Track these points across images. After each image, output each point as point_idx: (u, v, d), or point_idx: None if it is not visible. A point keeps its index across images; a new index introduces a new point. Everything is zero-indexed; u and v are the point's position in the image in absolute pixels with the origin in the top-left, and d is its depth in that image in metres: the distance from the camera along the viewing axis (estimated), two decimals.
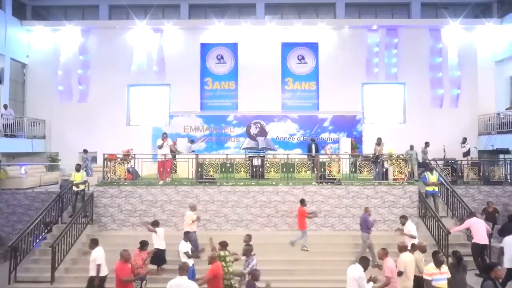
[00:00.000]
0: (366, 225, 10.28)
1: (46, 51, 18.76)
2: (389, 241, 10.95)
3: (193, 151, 15.81)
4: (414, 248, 8.17)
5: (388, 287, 7.16)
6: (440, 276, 6.87)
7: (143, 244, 8.92)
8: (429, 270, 6.95)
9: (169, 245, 10.14)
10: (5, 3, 17.32)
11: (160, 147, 13.15)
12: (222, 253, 8.24)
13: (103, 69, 18.47)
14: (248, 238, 9.00)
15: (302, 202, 11.25)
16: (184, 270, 6.53)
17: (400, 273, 7.40)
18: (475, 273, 9.50)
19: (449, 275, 6.94)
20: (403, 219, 9.92)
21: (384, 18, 19.18)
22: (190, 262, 8.81)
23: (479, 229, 9.70)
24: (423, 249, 8.13)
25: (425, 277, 6.99)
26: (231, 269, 8.21)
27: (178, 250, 9.00)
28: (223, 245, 8.42)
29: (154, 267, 9.80)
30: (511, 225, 10.37)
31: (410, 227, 9.70)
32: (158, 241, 9.88)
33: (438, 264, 6.94)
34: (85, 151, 15.50)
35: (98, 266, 8.38)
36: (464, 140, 15.70)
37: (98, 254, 8.47)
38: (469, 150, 15.62)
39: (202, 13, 19.64)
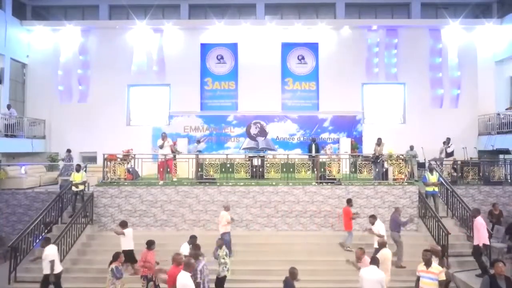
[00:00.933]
0: (395, 225, 10.35)
1: (46, 51, 18.76)
2: (389, 241, 10.96)
3: (199, 151, 15.85)
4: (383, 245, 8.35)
5: None
6: (425, 274, 6.87)
7: (150, 244, 8.86)
8: (418, 267, 7.07)
9: (170, 245, 10.15)
10: (5, 3, 17.32)
11: (161, 146, 13.17)
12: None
13: (103, 69, 18.47)
14: (193, 240, 8.78)
15: (349, 202, 11.25)
16: (189, 266, 6.43)
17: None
18: (475, 274, 9.45)
19: (440, 277, 6.72)
20: (372, 218, 9.96)
21: (384, 18, 19.18)
22: None
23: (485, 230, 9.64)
24: (437, 253, 7.85)
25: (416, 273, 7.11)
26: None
27: (177, 250, 8.96)
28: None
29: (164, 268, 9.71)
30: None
31: (379, 226, 9.76)
32: (126, 242, 9.86)
33: (425, 262, 6.91)
34: (69, 150, 15.44)
35: (52, 262, 8.62)
36: (448, 141, 15.60)
37: (50, 252, 8.74)
38: (453, 151, 15.47)
39: (202, 13, 19.64)
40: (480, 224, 9.51)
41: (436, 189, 12.19)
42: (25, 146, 16.90)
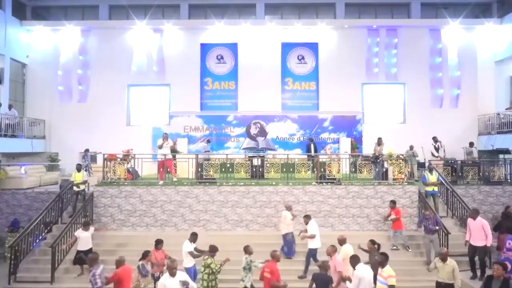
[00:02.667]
0: (422, 226, 10.47)
1: (46, 51, 18.77)
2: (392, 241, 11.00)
3: (208, 150, 15.87)
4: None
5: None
6: (379, 277, 6.79)
7: (158, 242, 8.83)
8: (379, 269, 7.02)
9: (170, 245, 10.13)
10: (5, 3, 17.32)
11: (160, 147, 13.16)
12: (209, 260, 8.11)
13: (103, 69, 18.47)
14: (194, 237, 9.00)
15: (394, 203, 11.29)
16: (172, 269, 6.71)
17: (213, 255, 7.96)
18: (470, 277, 9.44)
19: (389, 282, 6.59)
20: (306, 218, 9.97)
21: (384, 18, 19.18)
22: (192, 262, 8.82)
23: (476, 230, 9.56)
24: (443, 256, 7.88)
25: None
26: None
27: (177, 250, 8.99)
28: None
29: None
30: (506, 222, 10.44)
31: (312, 226, 9.81)
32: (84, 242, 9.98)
33: (380, 264, 6.87)
34: (87, 150, 15.45)
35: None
36: (436, 139, 15.57)
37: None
38: (438, 149, 15.41)
39: (202, 13, 19.64)
40: (485, 224, 9.50)
41: (436, 189, 12.19)
42: (25, 146, 16.90)
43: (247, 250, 8.31)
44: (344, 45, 18.60)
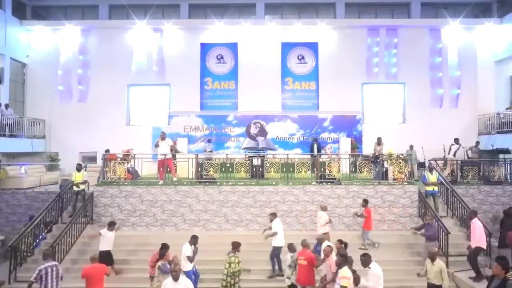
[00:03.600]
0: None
1: (46, 51, 18.76)
2: (393, 240, 11.00)
3: (210, 150, 15.85)
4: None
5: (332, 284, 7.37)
6: (337, 279, 6.83)
7: (163, 247, 8.71)
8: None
9: (170, 245, 10.12)
10: (5, 3, 17.32)
11: (157, 145, 13.19)
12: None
13: (103, 69, 18.46)
14: (195, 240, 9.01)
15: (366, 202, 11.30)
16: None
17: (323, 260, 7.98)
18: (469, 277, 9.39)
19: (341, 283, 6.65)
20: (272, 216, 10.04)
21: (384, 18, 19.17)
22: (190, 266, 8.78)
23: (482, 233, 9.51)
24: (432, 256, 7.80)
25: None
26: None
27: (177, 250, 8.97)
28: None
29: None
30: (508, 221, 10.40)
31: (276, 224, 9.85)
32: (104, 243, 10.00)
33: (337, 265, 6.90)
34: (107, 151, 15.06)
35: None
36: (457, 141, 15.68)
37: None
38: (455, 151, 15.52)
39: (202, 13, 19.64)
40: (478, 226, 9.47)
41: (436, 188, 12.18)
42: (25, 146, 16.90)
43: (291, 247, 8.46)
44: (344, 45, 18.59)
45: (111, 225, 10.20)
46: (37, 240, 11.39)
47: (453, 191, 12.23)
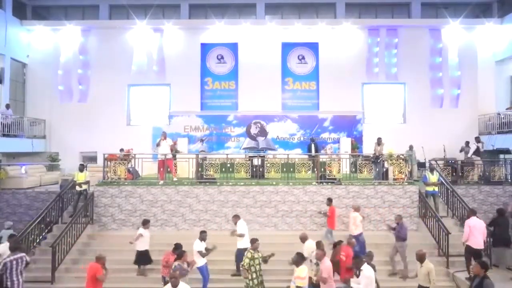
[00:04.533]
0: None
1: (46, 51, 18.76)
2: (392, 240, 10.99)
3: (203, 150, 15.85)
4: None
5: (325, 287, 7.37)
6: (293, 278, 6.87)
7: (176, 247, 8.70)
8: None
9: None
10: (5, 3, 17.31)
11: (158, 144, 13.19)
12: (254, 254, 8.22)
13: (103, 69, 18.46)
14: (204, 235, 9.19)
15: (330, 201, 11.37)
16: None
17: (304, 258, 8.01)
18: (465, 277, 9.35)
19: (296, 282, 6.67)
20: (235, 218, 10.10)
21: (384, 18, 19.18)
22: (203, 261, 8.86)
23: (476, 233, 9.40)
24: (420, 258, 7.76)
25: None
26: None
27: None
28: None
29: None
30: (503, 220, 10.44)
31: (240, 226, 9.88)
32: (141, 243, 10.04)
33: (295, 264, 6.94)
34: (122, 150, 14.83)
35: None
36: (478, 139, 15.57)
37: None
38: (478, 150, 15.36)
39: (202, 13, 19.64)
40: (467, 225, 9.49)
41: (436, 188, 12.19)
42: (25, 146, 16.90)
43: (319, 245, 8.47)
44: (344, 45, 18.58)
45: (146, 223, 10.25)
46: (37, 240, 11.38)
47: (453, 191, 12.23)
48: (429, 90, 18.50)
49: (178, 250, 8.54)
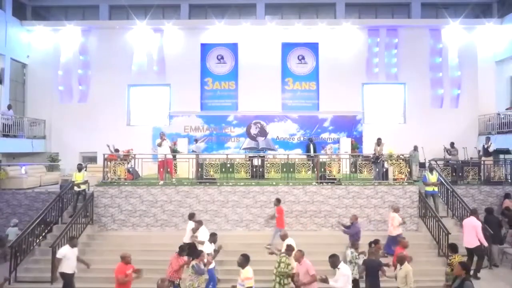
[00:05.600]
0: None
1: (46, 51, 18.76)
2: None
3: (194, 151, 15.79)
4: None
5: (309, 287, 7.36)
6: (240, 281, 6.87)
7: (182, 249, 8.63)
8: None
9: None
10: (5, 3, 17.33)
11: (160, 144, 13.16)
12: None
13: (103, 69, 18.46)
14: (214, 238, 9.19)
15: (279, 201, 11.25)
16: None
17: (290, 254, 8.17)
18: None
19: (245, 284, 6.68)
20: (198, 224, 9.79)
21: (384, 18, 19.16)
22: (212, 264, 8.83)
23: (466, 231, 9.61)
24: (399, 260, 7.69)
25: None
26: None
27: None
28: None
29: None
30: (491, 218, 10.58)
31: (201, 232, 9.65)
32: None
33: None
34: (117, 150, 14.95)
35: None
36: (488, 139, 15.55)
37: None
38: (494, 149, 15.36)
39: (202, 13, 19.64)
40: (464, 225, 9.60)
41: (436, 189, 12.19)
42: (25, 146, 16.90)
43: (354, 244, 8.50)
44: (344, 45, 18.58)
45: (193, 217, 10.32)
46: (37, 240, 11.38)
47: (453, 192, 12.24)
48: (429, 90, 18.50)
49: (184, 252, 8.52)
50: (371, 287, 7.80)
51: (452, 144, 15.84)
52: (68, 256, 8.58)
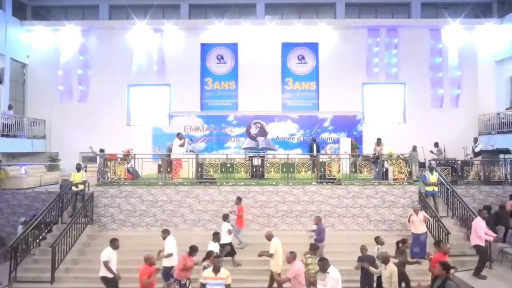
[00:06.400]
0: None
1: (46, 51, 18.76)
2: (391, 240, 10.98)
3: (191, 151, 15.82)
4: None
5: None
6: (214, 281, 6.77)
7: (193, 250, 8.55)
8: (204, 273, 6.94)
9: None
10: (5, 3, 17.33)
11: (182, 145, 13.44)
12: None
13: (103, 69, 18.46)
14: (217, 237, 9.15)
15: (240, 200, 11.35)
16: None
17: (271, 255, 8.59)
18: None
19: (227, 282, 6.67)
20: (164, 233, 9.27)
21: (384, 18, 19.16)
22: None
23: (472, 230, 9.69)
24: (384, 260, 7.66)
25: (200, 280, 6.99)
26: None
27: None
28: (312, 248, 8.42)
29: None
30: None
31: (168, 242, 9.08)
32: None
33: (214, 268, 6.86)
34: (102, 150, 14.83)
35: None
36: (476, 140, 15.58)
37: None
38: (480, 150, 15.38)
39: (202, 13, 19.64)
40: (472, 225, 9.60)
41: (436, 188, 12.18)
42: (25, 146, 16.90)
43: (378, 240, 8.49)
44: (344, 45, 18.58)
45: (227, 218, 10.51)
46: (37, 240, 11.38)
47: (453, 191, 12.23)
48: (429, 90, 18.50)
49: (195, 252, 8.51)
50: (364, 282, 8.25)
51: (436, 144, 15.78)
52: (111, 259, 8.40)
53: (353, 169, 13.40)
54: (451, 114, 18.15)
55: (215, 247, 8.90)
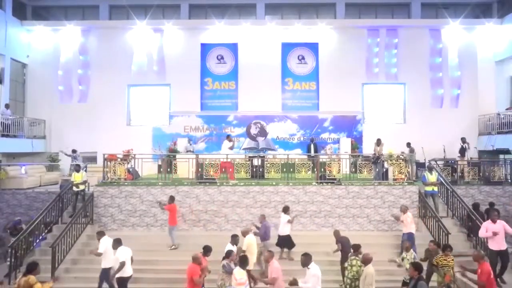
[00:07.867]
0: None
1: (46, 51, 18.75)
2: (391, 240, 10.98)
3: (191, 151, 15.81)
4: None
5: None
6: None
7: (207, 250, 8.53)
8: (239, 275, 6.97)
9: (169, 246, 10.15)
10: (5, 3, 17.32)
11: (232, 148, 13.77)
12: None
13: (103, 69, 18.46)
14: (236, 239, 9.11)
15: (172, 199, 11.32)
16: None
17: (244, 251, 8.58)
18: None
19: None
20: (116, 243, 8.68)
21: (384, 18, 19.16)
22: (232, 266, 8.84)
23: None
24: (363, 261, 7.52)
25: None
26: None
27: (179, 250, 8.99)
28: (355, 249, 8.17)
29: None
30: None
31: (120, 252, 8.57)
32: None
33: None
34: (74, 151, 15.42)
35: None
36: (464, 140, 15.57)
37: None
38: (465, 150, 15.41)
39: (202, 13, 19.64)
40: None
41: (436, 188, 12.18)
42: (25, 146, 16.89)
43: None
44: (344, 45, 18.57)
45: (287, 210, 10.75)
46: (37, 240, 11.39)
47: (453, 192, 12.24)
48: (429, 90, 18.50)
49: (209, 252, 8.52)
50: (343, 261, 8.80)
51: (408, 144, 15.44)
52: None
53: (353, 169, 13.41)
54: (451, 114, 18.15)
55: (232, 249, 8.85)
